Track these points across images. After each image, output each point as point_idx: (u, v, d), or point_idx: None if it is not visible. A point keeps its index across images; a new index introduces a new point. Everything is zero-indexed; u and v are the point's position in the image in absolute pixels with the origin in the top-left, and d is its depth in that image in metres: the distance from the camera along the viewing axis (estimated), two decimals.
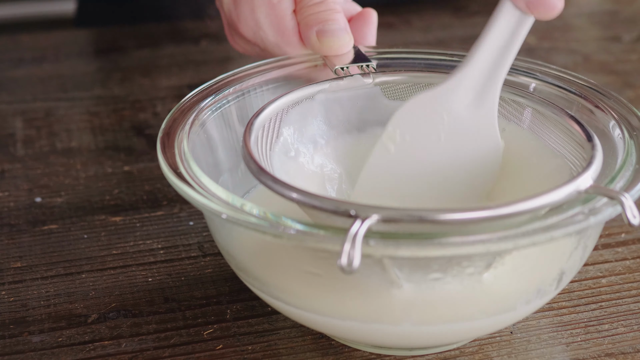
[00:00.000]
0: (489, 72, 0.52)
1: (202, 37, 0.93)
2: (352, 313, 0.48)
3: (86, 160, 0.71)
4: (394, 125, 0.53)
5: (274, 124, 0.54)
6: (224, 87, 0.57)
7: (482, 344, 0.52)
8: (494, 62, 0.51)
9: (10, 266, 0.59)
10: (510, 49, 0.51)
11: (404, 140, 0.53)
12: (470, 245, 0.43)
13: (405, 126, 0.53)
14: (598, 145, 0.49)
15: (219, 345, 0.52)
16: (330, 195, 0.55)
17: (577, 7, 1.03)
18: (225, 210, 0.45)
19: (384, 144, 0.53)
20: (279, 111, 0.54)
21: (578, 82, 0.57)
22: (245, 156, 0.49)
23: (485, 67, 0.52)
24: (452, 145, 0.53)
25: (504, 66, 0.52)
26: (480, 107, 0.52)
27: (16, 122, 0.77)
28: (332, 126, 0.56)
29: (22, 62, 0.88)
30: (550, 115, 0.53)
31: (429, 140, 0.53)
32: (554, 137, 0.53)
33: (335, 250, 0.42)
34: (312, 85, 0.56)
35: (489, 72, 0.52)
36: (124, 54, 0.89)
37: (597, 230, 0.51)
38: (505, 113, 0.56)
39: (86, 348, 0.52)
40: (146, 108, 0.79)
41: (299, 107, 0.55)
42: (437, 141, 0.53)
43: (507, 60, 0.51)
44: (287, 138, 0.55)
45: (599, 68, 0.87)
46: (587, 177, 0.46)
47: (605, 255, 0.59)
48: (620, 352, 0.52)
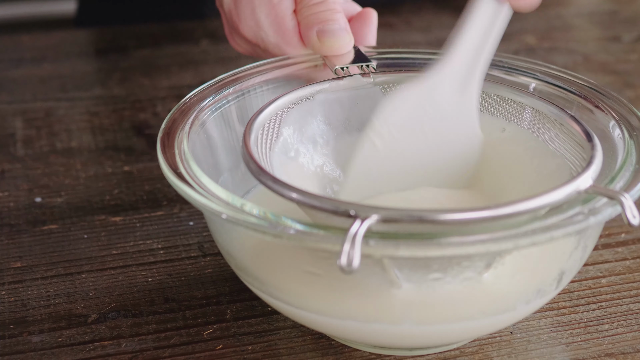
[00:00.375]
0: (468, 64, 0.53)
1: (202, 37, 0.93)
2: (352, 313, 0.48)
3: (86, 160, 0.71)
4: (379, 118, 0.54)
5: (274, 124, 0.54)
6: (224, 87, 0.57)
7: (482, 344, 0.52)
8: (474, 54, 0.53)
9: (10, 266, 0.59)
10: (488, 40, 0.52)
11: (390, 133, 0.54)
12: (470, 245, 0.43)
13: (390, 119, 0.54)
14: (598, 146, 0.49)
15: (219, 345, 0.52)
16: (330, 195, 0.55)
17: (577, 7, 1.03)
18: (225, 210, 0.45)
19: (370, 138, 0.54)
20: (279, 111, 0.54)
21: (578, 82, 0.57)
22: (245, 156, 0.49)
23: (465, 58, 0.53)
24: (435, 135, 0.54)
25: (483, 57, 0.53)
26: (461, 97, 0.54)
27: (16, 122, 0.77)
28: (332, 126, 0.56)
29: (22, 62, 0.88)
30: (550, 115, 0.54)
31: (413, 131, 0.54)
32: (554, 137, 0.53)
33: (335, 250, 0.42)
34: (312, 85, 0.56)
35: (469, 64, 0.53)
36: (124, 54, 0.89)
37: (597, 230, 0.51)
38: (505, 113, 0.56)
39: (86, 348, 0.52)
40: (146, 108, 0.79)
41: (299, 107, 0.55)
42: (421, 132, 0.54)
43: (486, 51, 0.53)
44: (287, 138, 0.55)
45: (599, 68, 0.87)
46: (587, 177, 0.46)
47: (605, 255, 0.59)
48: (620, 352, 0.52)
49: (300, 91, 0.55)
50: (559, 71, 0.58)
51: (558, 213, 0.45)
